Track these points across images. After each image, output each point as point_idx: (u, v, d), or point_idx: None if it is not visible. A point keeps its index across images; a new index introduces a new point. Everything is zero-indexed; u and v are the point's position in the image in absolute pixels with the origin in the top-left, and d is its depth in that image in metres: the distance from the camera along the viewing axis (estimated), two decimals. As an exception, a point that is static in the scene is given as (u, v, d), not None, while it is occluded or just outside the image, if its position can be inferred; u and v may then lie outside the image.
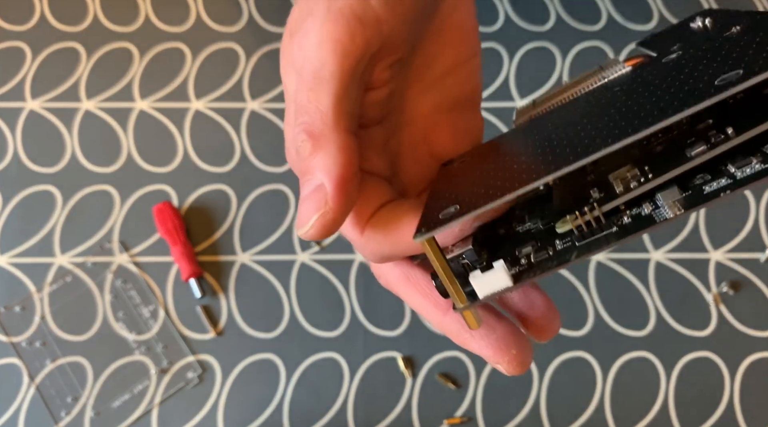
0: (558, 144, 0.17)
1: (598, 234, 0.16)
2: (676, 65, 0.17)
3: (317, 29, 0.20)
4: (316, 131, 0.20)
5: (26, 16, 0.46)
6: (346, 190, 0.20)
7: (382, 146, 0.26)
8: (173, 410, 0.39)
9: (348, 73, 0.20)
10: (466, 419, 0.39)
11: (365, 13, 0.20)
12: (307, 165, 0.20)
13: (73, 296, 0.40)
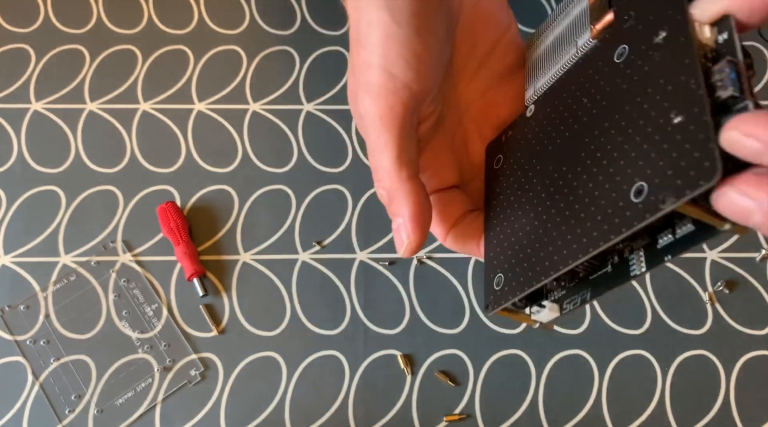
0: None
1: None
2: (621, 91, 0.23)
3: (365, 106, 0.26)
4: (386, 187, 0.27)
5: (30, 19, 0.46)
6: (418, 223, 0.26)
7: (449, 153, 0.30)
8: (176, 407, 0.39)
9: (398, 136, 0.26)
10: (464, 416, 0.39)
11: (394, 85, 0.25)
12: (389, 211, 0.27)
13: (77, 295, 0.41)
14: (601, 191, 0.22)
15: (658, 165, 0.20)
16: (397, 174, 0.26)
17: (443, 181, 0.31)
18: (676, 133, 0.20)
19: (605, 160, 0.22)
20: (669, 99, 0.20)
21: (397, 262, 0.42)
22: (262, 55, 0.46)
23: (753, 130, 0.17)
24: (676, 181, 0.19)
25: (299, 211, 0.43)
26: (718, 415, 0.39)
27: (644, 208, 0.20)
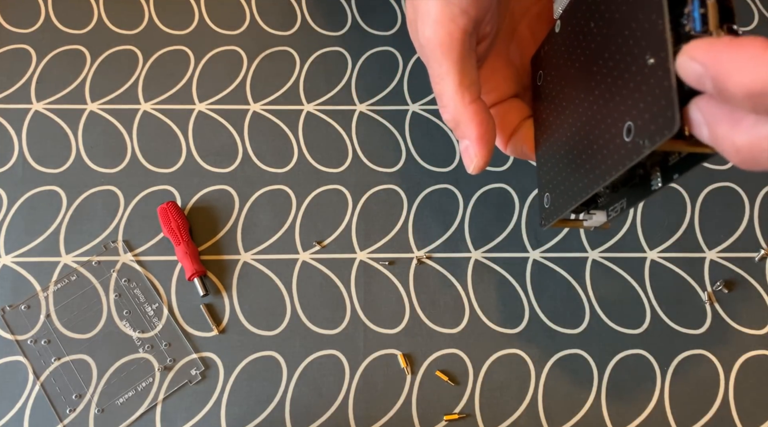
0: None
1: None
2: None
3: (425, 34, 0.27)
4: (451, 112, 0.28)
5: (31, 19, 0.47)
6: (483, 143, 0.28)
7: (505, 66, 0.32)
8: (176, 406, 0.39)
9: (458, 62, 0.27)
10: (464, 416, 0.39)
11: (452, 12, 0.26)
12: (457, 134, 0.28)
13: (78, 294, 0.41)
14: (608, 121, 0.23)
15: (640, 106, 0.21)
16: (461, 99, 0.27)
17: (501, 94, 0.32)
18: (650, 75, 0.21)
19: (608, 91, 0.23)
20: (645, 38, 0.21)
21: (397, 262, 0.42)
22: (262, 56, 0.46)
23: (695, 53, 0.18)
24: (651, 127, 0.20)
25: (299, 211, 0.43)
26: (717, 414, 0.40)
27: (632, 149, 0.21)
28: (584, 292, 0.42)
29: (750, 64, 0.16)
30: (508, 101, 0.32)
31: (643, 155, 0.21)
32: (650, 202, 0.43)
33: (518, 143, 0.31)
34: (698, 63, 0.18)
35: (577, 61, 0.26)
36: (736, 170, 0.44)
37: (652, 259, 0.42)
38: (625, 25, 0.22)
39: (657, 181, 0.23)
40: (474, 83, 0.27)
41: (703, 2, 0.20)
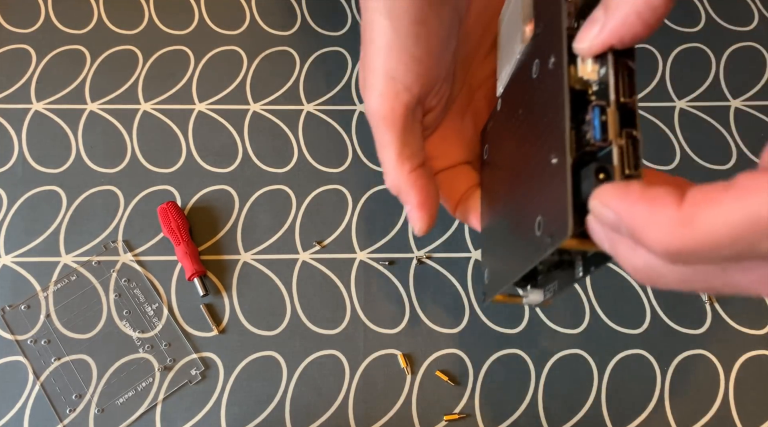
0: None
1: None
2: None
3: (370, 106, 0.28)
4: (391, 180, 0.29)
5: (32, 19, 0.47)
6: (424, 209, 0.29)
7: (457, 135, 0.32)
8: (176, 406, 0.39)
9: (400, 134, 0.28)
10: (464, 416, 0.39)
11: (395, 89, 0.27)
12: (400, 200, 0.29)
13: (78, 294, 0.41)
14: (529, 210, 0.23)
15: (546, 203, 0.21)
16: (400, 168, 0.28)
17: (451, 160, 0.33)
18: (554, 175, 0.21)
19: (530, 180, 0.24)
20: (552, 136, 0.21)
21: (397, 262, 0.42)
22: (262, 56, 0.46)
23: (608, 201, 0.18)
24: (553, 227, 0.21)
25: (299, 211, 0.43)
26: (717, 414, 0.40)
27: (540, 245, 0.22)
28: (584, 292, 0.42)
29: (666, 227, 0.16)
30: (458, 167, 0.33)
31: (546, 254, 0.21)
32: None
33: (465, 212, 0.32)
34: (612, 212, 0.18)
35: (511, 143, 0.27)
36: (737, 170, 0.44)
37: (652, 259, 0.42)
38: (540, 118, 0.22)
39: (579, 270, 0.23)
40: (416, 154, 0.29)
41: (604, 110, 0.20)
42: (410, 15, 0.26)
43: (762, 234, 0.15)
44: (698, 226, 0.16)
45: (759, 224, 0.15)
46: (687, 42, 0.48)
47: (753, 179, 0.15)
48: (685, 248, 0.16)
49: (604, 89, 0.20)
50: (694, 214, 0.16)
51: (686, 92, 0.46)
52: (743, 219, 0.15)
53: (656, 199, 0.17)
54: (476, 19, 0.31)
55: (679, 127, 0.45)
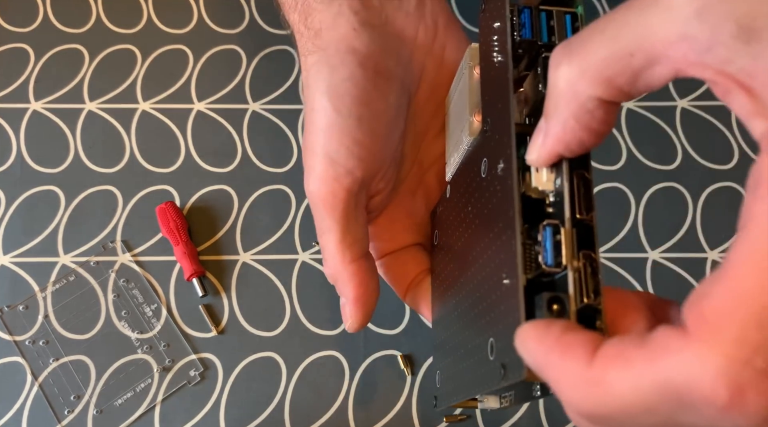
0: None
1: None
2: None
3: (309, 189, 0.26)
4: (331, 268, 0.27)
5: (29, 18, 0.46)
6: (359, 305, 0.27)
7: (405, 217, 0.30)
8: (175, 407, 0.39)
9: (341, 220, 0.26)
10: (465, 417, 0.39)
11: (336, 172, 0.25)
12: (336, 290, 0.28)
13: (76, 295, 0.41)
14: (479, 325, 0.21)
15: (499, 326, 0.19)
16: (340, 257, 0.26)
17: (400, 243, 0.31)
18: (506, 297, 0.19)
19: (478, 290, 0.21)
20: (503, 251, 0.19)
21: (397, 262, 0.42)
22: (261, 55, 0.46)
23: (526, 343, 0.16)
24: (506, 358, 0.18)
25: (299, 211, 0.43)
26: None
27: (493, 372, 0.19)
28: (585, 292, 0.41)
29: (574, 386, 0.15)
30: (406, 250, 0.31)
31: (500, 386, 0.19)
32: (651, 202, 0.43)
33: (416, 299, 0.30)
34: (530, 357, 0.16)
35: (461, 237, 0.24)
36: (739, 170, 0.44)
37: (653, 259, 0.42)
38: (491, 225, 0.20)
39: (537, 390, 0.21)
40: (358, 241, 0.27)
41: (557, 229, 0.17)
42: (352, 96, 0.24)
43: (675, 405, 0.13)
44: (607, 390, 0.14)
45: (670, 393, 0.13)
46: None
47: (668, 338, 0.13)
48: (597, 411, 0.14)
49: (560, 203, 0.18)
50: (603, 373, 0.14)
51: (688, 92, 0.46)
52: (653, 386, 0.13)
53: (569, 350, 0.15)
54: (428, 96, 0.29)
55: (681, 126, 0.45)
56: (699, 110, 0.46)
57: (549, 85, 0.17)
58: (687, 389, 0.12)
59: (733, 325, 0.12)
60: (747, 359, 0.12)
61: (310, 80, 0.25)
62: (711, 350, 0.12)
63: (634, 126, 0.45)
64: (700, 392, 0.12)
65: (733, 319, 0.12)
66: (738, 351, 0.12)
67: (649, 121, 0.45)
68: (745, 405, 0.12)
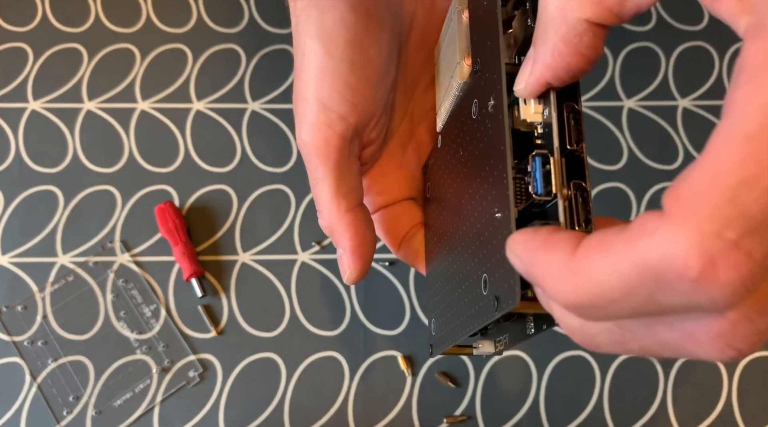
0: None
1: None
2: None
3: (301, 137, 0.26)
4: (326, 219, 0.26)
5: (28, 18, 0.46)
6: (357, 255, 0.26)
7: (398, 170, 0.30)
8: (174, 408, 0.39)
9: (335, 169, 0.25)
10: (465, 418, 0.39)
11: (329, 119, 0.25)
12: (332, 241, 0.27)
13: (75, 295, 0.40)
14: (473, 263, 0.21)
15: (492, 260, 0.19)
16: (336, 208, 0.26)
17: (392, 197, 0.31)
18: (498, 231, 0.19)
19: (473, 229, 0.22)
20: (495, 186, 0.19)
21: (397, 262, 0.42)
22: (261, 54, 0.46)
23: (514, 247, 0.17)
24: (500, 288, 0.19)
25: (298, 211, 0.43)
26: (720, 417, 0.39)
27: (487, 305, 0.20)
28: (586, 293, 0.41)
29: (558, 277, 0.15)
30: (399, 204, 0.30)
31: (494, 318, 0.19)
32: (652, 202, 0.43)
33: (409, 253, 0.30)
34: (519, 260, 0.16)
35: (453, 185, 0.24)
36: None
37: (654, 259, 0.42)
38: (482, 164, 0.20)
39: (530, 326, 0.22)
40: (352, 190, 0.26)
41: (547, 159, 0.18)
42: (344, 39, 0.24)
43: (653, 284, 0.13)
44: (588, 276, 0.14)
45: (647, 273, 0.13)
46: (690, 41, 0.47)
47: (645, 221, 0.13)
48: (581, 300, 0.14)
49: (549, 134, 0.18)
50: (585, 262, 0.14)
51: (689, 91, 0.46)
52: (631, 268, 0.13)
53: (553, 245, 0.15)
54: (418, 47, 0.29)
55: (682, 126, 0.45)
56: (700, 110, 0.46)
57: (539, 12, 0.17)
58: (662, 266, 0.12)
59: (706, 201, 0.12)
60: (718, 232, 0.12)
61: (300, 26, 0.25)
62: (683, 226, 0.12)
63: (635, 126, 0.45)
64: (673, 267, 0.12)
65: (706, 195, 0.12)
66: (709, 225, 0.12)
67: (650, 121, 0.45)
68: (717, 276, 0.12)
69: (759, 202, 0.12)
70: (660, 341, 0.15)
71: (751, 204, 0.12)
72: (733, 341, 0.13)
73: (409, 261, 0.31)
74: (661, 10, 0.48)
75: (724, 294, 0.12)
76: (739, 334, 0.13)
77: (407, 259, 0.31)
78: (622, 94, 0.46)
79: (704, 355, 0.14)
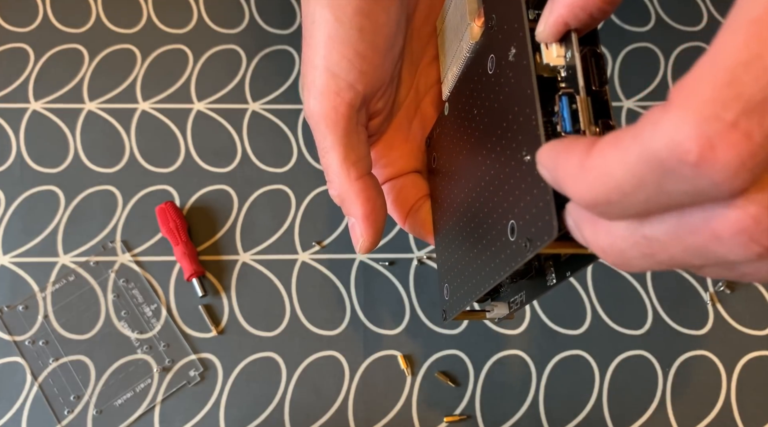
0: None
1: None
2: None
3: (310, 105, 0.26)
4: (336, 188, 0.26)
5: (29, 18, 0.46)
6: (370, 222, 0.26)
7: (404, 142, 0.30)
8: (175, 408, 0.39)
9: (344, 137, 0.25)
10: (465, 417, 0.39)
11: (338, 86, 0.25)
12: (343, 211, 0.27)
13: (76, 295, 0.41)
14: (495, 216, 0.22)
15: (521, 205, 0.19)
16: (346, 175, 0.26)
17: (398, 169, 0.31)
18: (527, 173, 0.19)
19: (493, 183, 0.22)
20: (522, 132, 0.19)
21: (397, 262, 0.42)
22: (261, 55, 0.46)
23: (540, 157, 0.17)
24: (532, 229, 0.19)
25: (299, 211, 0.43)
26: (719, 416, 0.39)
27: (516, 250, 0.20)
28: (585, 292, 0.41)
29: (574, 175, 0.15)
30: (406, 177, 0.31)
31: (526, 259, 0.19)
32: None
33: (416, 224, 0.30)
34: (544, 168, 0.17)
35: (465, 147, 0.25)
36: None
37: (653, 259, 0.42)
38: (504, 115, 0.21)
39: (552, 277, 0.21)
40: (362, 159, 0.26)
41: (573, 98, 0.18)
42: (354, 6, 0.24)
43: (660, 173, 0.13)
44: (601, 171, 0.14)
45: (653, 162, 0.13)
46: (689, 41, 0.47)
47: (652, 114, 0.13)
48: (596, 196, 0.15)
49: (573, 75, 0.18)
50: (599, 159, 0.14)
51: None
52: (638, 159, 0.13)
53: (572, 148, 0.15)
54: (424, 19, 0.29)
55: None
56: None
57: None
58: (666, 153, 0.13)
59: (706, 86, 0.12)
60: (716, 114, 0.12)
61: None
62: (683, 112, 0.12)
63: (635, 126, 0.45)
64: (675, 153, 0.12)
65: (706, 81, 0.12)
66: (708, 108, 0.12)
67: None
68: (715, 158, 0.12)
69: (759, 81, 0.12)
70: (687, 247, 0.15)
71: (750, 84, 0.12)
72: (757, 236, 0.13)
73: (416, 232, 0.30)
74: (661, 10, 0.48)
75: (725, 176, 0.12)
76: (762, 228, 0.13)
77: (414, 230, 0.31)
78: (621, 94, 0.46)
79: (731, 254, 0.14)
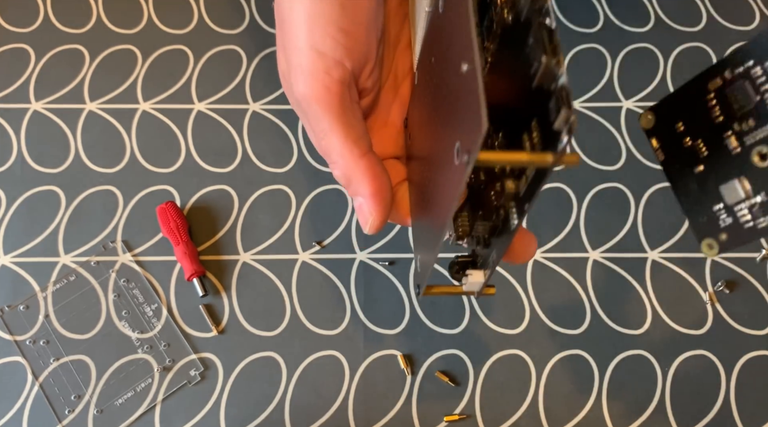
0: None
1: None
2: None
3: (299, 90, 0.24)
4: (341, 168, 0.25)
5: (30, 19, 0.46)
6: (379, 199, 0.25)
7: (383, 127, 0.31)
8: (176, 407, 0.39)
9: (340, 115, 0.24)
10: (465, 417, 0.39)
11: (326, 65, 0.24)
12: (349, 192, 0.26)
13: (77, 295, 0.41)
14: (447, 155, 0.21)
15: (462, 122, 0.19)
16: (350, 154, 0.25)
17: (378, 154, 0.29)
18: (464, 83, 0.18)
19: (444, 123, 0.21)
20: (460, 43, 0.19)
21: (397, 262, 0.42)
22: (262, 55, 0.46)
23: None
24: (469, 137, 0.18)
25: (299, 211, 0.43)
26: (718, 415, 0.39)
27: (459, 169, 0.19)
28: (585, 292, 0.42)
29: None
30: (386, 162, 0.30)
31: (467, 172, 0.18)
32: (651, 202, 0.43)
33: (394, 209, 0.29)
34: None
35: (426, 106, 0.24)
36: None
37: (653, 259, 0.42)
38: (448, 42, 0.20)
39: (514, 216, 0.21)
40: (361, 136, 0.25)
41: None
42: None
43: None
44: None
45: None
46: (688, 42, 0.47)
47: None
48: None
49: None
50: None
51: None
52: None
53: None
54: (398, 3, 0.29)
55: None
56: (698, 110, 0.46)
57: None
58: None
59: None
60: None
61: None
62: None
63: (634, 126, 0.45)
64: None
65: None
66: None
67: (648, 122, 0.45)
68: None
69: None
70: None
71: None
72: None
73: (393, 216, 0.29)
74: (660, 11, 0.48)
75: None
76: None
77: (393, 215, 0.29)
78: (620, 94, 0.46)
79: None
